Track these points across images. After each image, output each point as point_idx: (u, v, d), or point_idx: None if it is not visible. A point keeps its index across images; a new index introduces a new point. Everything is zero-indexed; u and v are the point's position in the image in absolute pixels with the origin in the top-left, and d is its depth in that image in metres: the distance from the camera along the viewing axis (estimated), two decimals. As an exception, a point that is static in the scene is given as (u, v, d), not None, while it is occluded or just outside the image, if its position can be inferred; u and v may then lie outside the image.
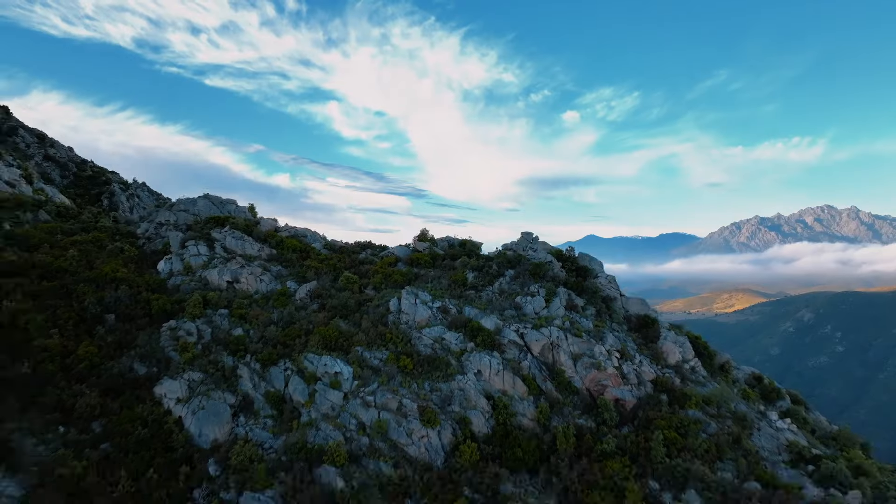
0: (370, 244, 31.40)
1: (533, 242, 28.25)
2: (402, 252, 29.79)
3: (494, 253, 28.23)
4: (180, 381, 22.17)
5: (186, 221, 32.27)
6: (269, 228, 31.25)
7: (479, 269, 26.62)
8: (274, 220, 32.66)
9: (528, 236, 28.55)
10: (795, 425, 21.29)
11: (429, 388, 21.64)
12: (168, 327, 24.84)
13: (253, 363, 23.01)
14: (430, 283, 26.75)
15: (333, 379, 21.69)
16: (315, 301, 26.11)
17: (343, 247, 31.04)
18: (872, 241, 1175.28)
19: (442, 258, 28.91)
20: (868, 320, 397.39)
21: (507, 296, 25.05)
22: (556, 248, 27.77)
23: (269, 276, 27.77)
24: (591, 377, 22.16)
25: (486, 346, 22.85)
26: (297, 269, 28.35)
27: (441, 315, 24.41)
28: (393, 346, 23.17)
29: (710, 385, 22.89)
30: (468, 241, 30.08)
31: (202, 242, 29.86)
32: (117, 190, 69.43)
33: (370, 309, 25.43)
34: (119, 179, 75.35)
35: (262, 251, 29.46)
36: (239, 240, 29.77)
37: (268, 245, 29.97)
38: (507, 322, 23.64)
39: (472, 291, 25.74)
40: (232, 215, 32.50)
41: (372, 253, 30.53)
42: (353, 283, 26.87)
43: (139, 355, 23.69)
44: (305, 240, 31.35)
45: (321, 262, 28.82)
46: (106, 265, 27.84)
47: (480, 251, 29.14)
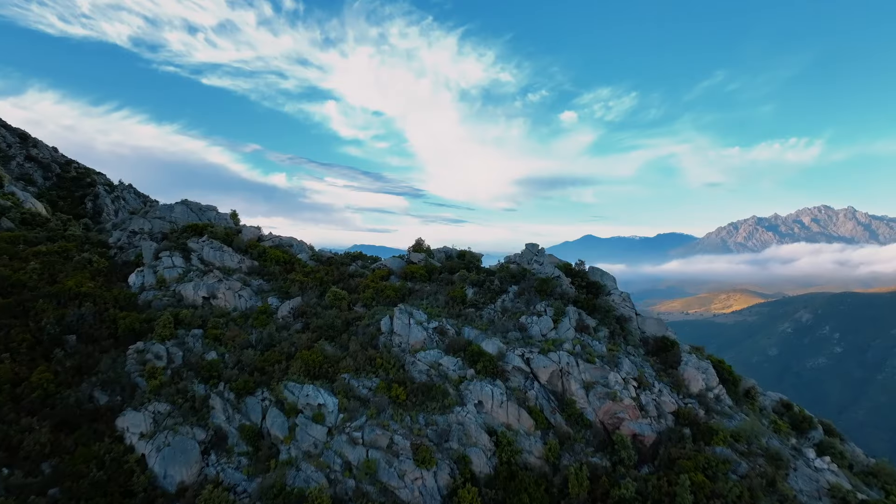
0: (360, 255, 28.97)
1: (538, 255, 25.83)
2: (395, 264, 27.37)
3: (496, 266, 25.80)
4: (144, 414, 19.74)
5: (162, 230, 29.80)
6: (251, 238, 28.79)
7: (480, 284, 24.22)
8: (257, 227, 30.19)
9: (533, 248, 26.13)
10: (836, 464, 18.94)
11: (423, 422, 19.24)
12: (135, 350, 22.38)
13: (227, 392, 20.57)
14: (425, 300, 24.35)
15: (316, 412, 19.26)
16: (299, 320, 23.67)
17: (331, 258, 28.60)
18: (869, 242, 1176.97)
19: (439, 271, 26.50)
20: (866, 321, 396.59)
21: (511, 315, 22.65)
22: (563, 261, 25.38)
23: (249, 291, 25.31)
24: (606, 409, 19.78)
25: (488, 373, 20.46)
26: (281, 283, 25.90)
27: (437, 337, 22.01)
28: (384, 373, 20.76)
29: (738, 417, 20.54)
30: (467, 252, 27.65)
31: (177, 253, 27.40)
32: (102, 192, 66.74)
33: (359, 329, 23.02)
34: (105, 181, 72.69)
35: (243, 263, 27.00)
36: (217, 251, 27.31)
37: (249, 256, 27.52)
38: (510, 345, 21.24)
39: (472, 310, 23.34)
40: (211, 223, 30.03)
41: (363, 265, 28.10)
42: (341, 299, 24.45)
43: (101, 382, 21.23)
44: (291, 250, 28.89)
45: (307, 275, 26.38)
46: (70, 279, 25.36)
47: (481, 263, 26.74)
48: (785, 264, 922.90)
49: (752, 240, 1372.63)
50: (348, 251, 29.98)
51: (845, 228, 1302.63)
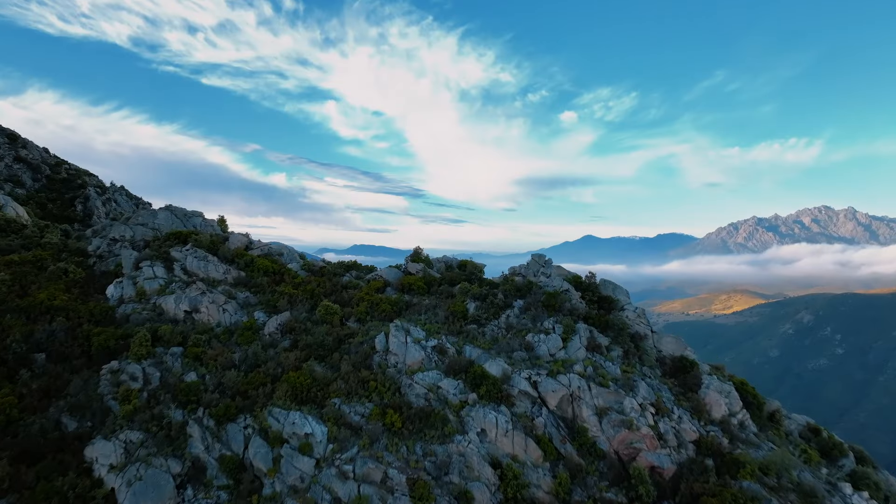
0: (355, 265, 27.21)
1: (545, 266, 24.06)
2: (391, 275, 25.61)
3: (500, 278, 24.02)
4: (115, 443, 17.97)
5: (145, 237, 28.03)
6: (238, 246, 27.02)
7: (482, 298, 22.46)
8: (245, 235, 28.43)
9: (540, 259, 24.36)
10: (874, 500, 17.20)
11: (421, 453, 17.51)
12: (109, 370, 20.63)
13: (206, 419, 18.80)
14: (423, 315, 22.60)
15: (303, 441, 17.51)
16: (287, 337, 21.93)
17: (323, 268, 26.85)
18: (870, 243, 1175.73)
19: (438, 283, 24.74)
20: (868, 322, 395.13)
21: (517, 332, 20.89)
22: (572, 273, 23.60)
23: (234, 304, 23.56)
24: (621, 438, 18.04)
25: (492, 397, 18.72)
26: (268, 296, 24.14)
27: (437, 356, 20.27)
28: (378, 397, 19.02)
29: (765, 445, 18.79)
30: (469, 262, 25.88)
31: (159, 263, 25.65)
32: (92, 194, 64.99)
33: (352, 347, 21.27)
34: (96, 183, 70.88)
35: (228, 274, 25.24)
36: (202, 260, 25.55)
37: (235, 266, 25.76)
38: (516, 366, 19.49)
39: (474, 326, 21.58)
40: (197, 230, 28.27)
41: (357, 275, 26.34)
42: (332, 314, 22.70)
43: (70, 406, 19.48)
44: (280, 259, 27.13)
45: (296, 287, 24.62)
46: (42, 291, 23.60)
47: (483, 274, 24.97)
48: (786, 265, 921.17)
49: (752, 240, 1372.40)
50: (342, 261, 28.20)
51: (846, 229, 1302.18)
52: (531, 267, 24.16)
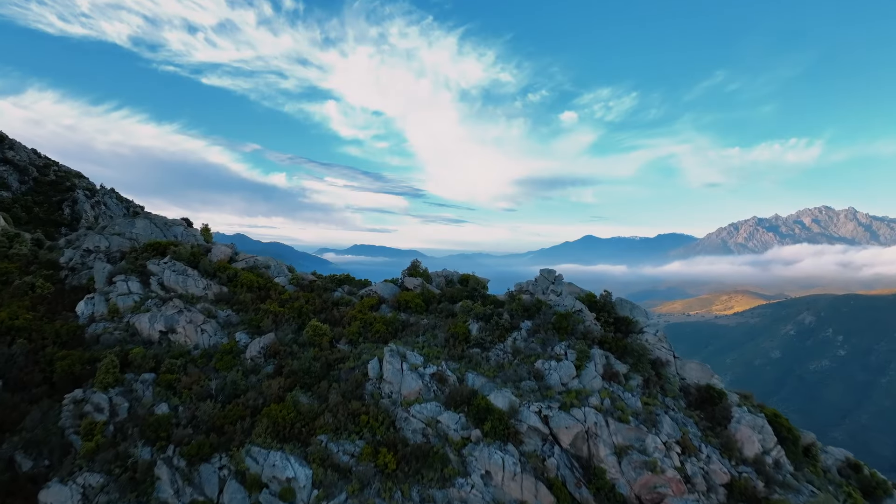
0: (347, 279, 25.13)
1: (556, 283, 21.98)
2: (387, 291, 23.55)
3: (505, 296, 21.93)
4: (72, 488, 15.91)
5: (121, 248, 25.96)
6: (220, 258, 24.94)
7: (486, 318, 20.40)
8: (229, 246, 26.35)
9: (549, 275, 22.27)
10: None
11: (418, 499, 15.47)
12: (72, 399, 18.56)
13: (177, 458, 16.72)
14: (421, 337, 20.53)
15: (285, 486, 15.46)
16: (270, 361, 19.87)
17: (313, 282, 24.76)
18: (870, 243, 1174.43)
19: (437, 300, 22.67)
20: (870, 324, 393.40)
21: (525, 358, 18.82)
22: (585, 291, 21.51)
23: (214, 324, 21.49)
24: (643, 482, 15.99)
25: (498, 434, 16.66)
26: (251, 314, 22.06)
27: (436, 385, 18.20)
28: (370, 433, 16.95)
29: (805, 489, 16.73)
30: (471, 277, 23.78)
31: (134, 277, 23.58)
32: (81, 197, 62.92)
33: (342, 374, 19.21)
34: (86, 185, 68.73)
35: (209, 290, 23.17)
36: (181, 274, 23.48)
37: (217, 281, 23.69)
38: (524, 398, 17.43)
39: (478, 350, 19.51)
40: (177, 241, 26.17)
41: (349, 290, 24.27)
42: (321, 335, 20.64)
43: (26, 442, 17.43)
44: (267, 272, 25.06)
45: (283, 304, 22.55)
46: (3, 309, 21.56)
47: (486, 290, 22.89)
48: (787, 265, 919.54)
49: (752, 240, 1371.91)
50: (334, 274, 26.12)
51: (846, 229, 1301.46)
52: (540, 284, 22.08)
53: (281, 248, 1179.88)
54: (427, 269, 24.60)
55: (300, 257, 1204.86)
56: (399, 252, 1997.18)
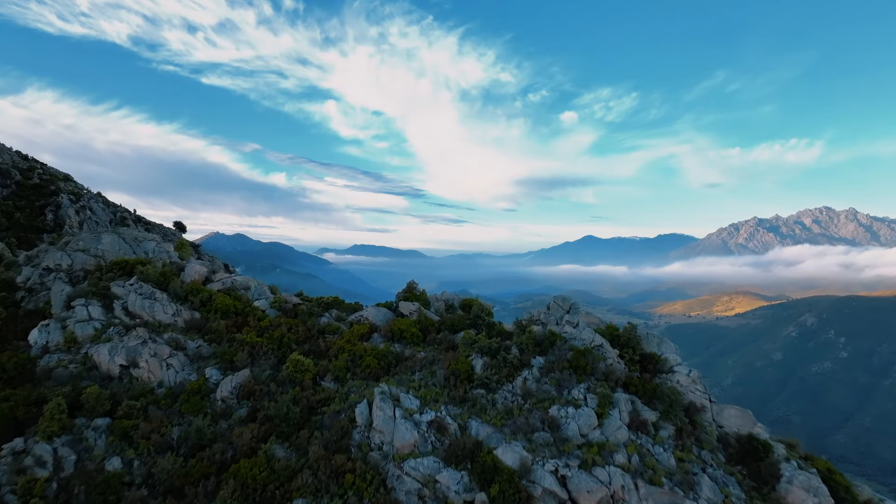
0: (336, 301, 22.52)
1: (571, 312, 19.35)
2: (379, 317, 20.95)
3: (514, 326, 19.29)
4: (1, 565, 13.40)
5: (85, 266, 23.37)
6: (194, 278, 22.33)
7: (492, 352, 17.82)
8: (206, 263, 23.74)
9: (564, 303, 19.63)
10: None
11: (412, 582, 12.90)
12: (11, 450, 15.94)
13: (127, 528, 14.18)
14: (418, 374, 17.94)
15: (253, 568, 12.89)
16: (244, 403, 17.28)
17: (297, 306, 22.14)
18: (871, 243, 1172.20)
19: (437, 328, 20.07)
20: (872, 325, 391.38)
21: (537, 402, 16.23)
22: (606, 322, 18.88)
23: (182, 358, 18.88)
24: (682, 559, 13.41)
25: (508, 499, 14.05)
26: (225, 346, 19.46)
27: (434, 436, 15.61)
28: (355, 496, 14.34)
29: (871, 566, 14.16)
30: (474, 302, 21.13)
31: (96, 301, 20.97)
32: (65, 202, 60.29)
33: (325, 419, 16.61)
34: (71, 189, 65.93)
35: (179, 315, 20.57)
36: (148, 298, 20.88)
37: (188, 306, 21.08)
38: (538, 453, 14.83)
39: (482, 391, 16.93)
40: (147, 259, 23.56)
41: (338, 315, 21.64)
42: (303, 371, 18.05)
43: (-47, 504, 14.92)
44: (246, 295, 22.44)
45: (261, 333, 19.95)
46: (-57, 340, 18.99)
47: (492, 317, 20.29)
48: (789, 267, 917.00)
49: (752, 241, 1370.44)
50: (322, 297, 23.49)
51: (847, 230, 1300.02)
52: (553, 313, 19.43)
53: (281, 248, 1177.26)
54: (425, 291, 22.00)
55: (300, 257, 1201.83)
56: (399, 252, 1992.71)
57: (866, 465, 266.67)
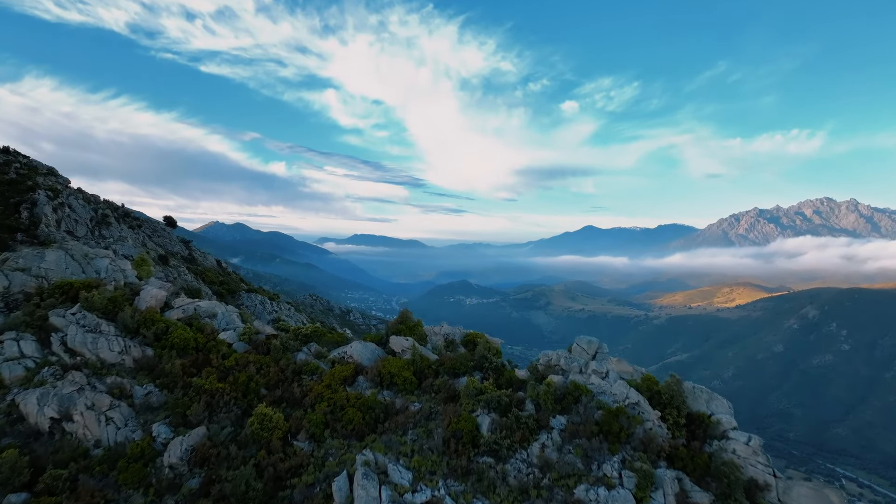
0: (316, 333, 19.13)
1: (598, 358, 15.91)
2: (366, 354, 17.62)
3: (527, 373, 15.86)
4: None
5: (25, 288, 20.04)
6: (151, 305, 18.98)
7: (502, 407, 14.55)
8: (166, 287, 20.35)
9: (590, 346, 16.16)
10: None
11: None
12: None
13: None
14: (410, 434, 14.65)
15: None
16: (196, 473, 14.01)
17: (271, 339, 18.80)
18: (871, 234, 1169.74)
19: (434, 370, 16.77)
20: (874, 318, 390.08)
21: (559, 479, 12.98)
22: (640, 371, 15.41)
23: (126, 410, 15.59)
24: None
25: None
26: (180, 393, 16.16)
27: (430, 523, 12.37)
28: None
29: None
30: (479, 337, 17.68)
31: (29, 335, 17.62)
32: (42, 199, 56.82)
33: (296, 494, 13.36)
34: (49, 185, 62.40)
35: (128, 353, 17.27)
36: (91, 331, 17.55)
37: (139, 340, 17.75)
38: (562, 552, 11.61)
39: (490, 459, 13.67)
40: (97, 281, 20.19)
41: (317, 351, 18.29)
42: (271, 429, 14.77)
43: None
44: (211, 324, 19.09)
45: (224, 375, 16.65)
46: None
47: (500, 358, 16.94)
48: (790, 258, 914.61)
49: (753, 231, 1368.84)
50: (300, 326, 20.12)
51: (847, 221, 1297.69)
52: (576, 357, 15.97)
53: (281, 238, 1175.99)
54: (420, 322, 18.62)
55: (300, 247, 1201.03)
56: (399, 242, 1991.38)
57: (867, 459, 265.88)
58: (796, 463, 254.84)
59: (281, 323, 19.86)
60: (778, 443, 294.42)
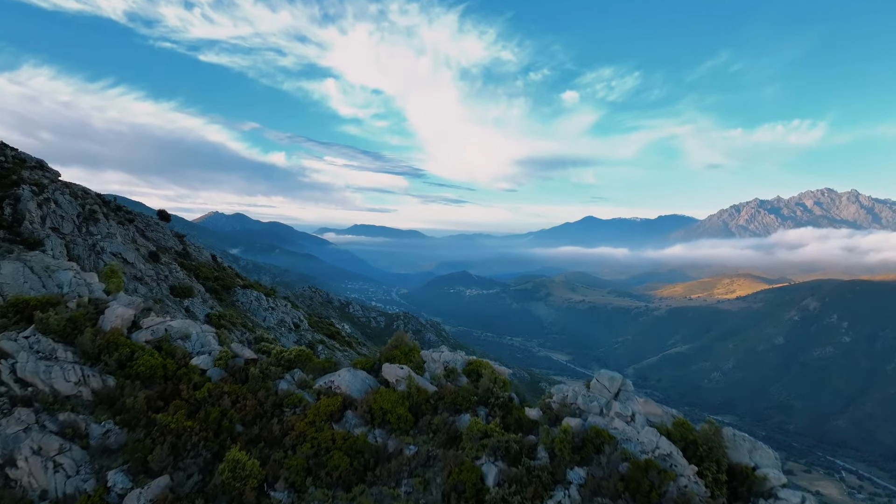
0: (301, 357, 17.09)
1: (621, 398, 13.67)
2: (356, 385, 15.59)
3: (538, 411, 13.72)
4: None
5: (-22, 305, 18.05)
6: (116, 325, 16.93)
7: (511, 456, 12.54)
8: (136, 305, 18.30)
9: (612, 383, 13.94)
10: None
11: None
12: None
13: None
14: (405, 485, 12.66)
15: None
16: (156, 533, 12.06)
17: (250, 364, 16.79)
18: (872, 226, 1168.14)
19: (432, 405, 14.74)
20: (875, 310, 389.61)
21: (579, 548, 11.04)
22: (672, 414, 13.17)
23: (79, 453, 13.60)
24: None
25: None
26: (141, 433, 14.17)
27: None
28: None
29: None
30: (484, 366, 15.57)
31: (-24, 362, 15.63)
32: (26, 194, 54.63)
33: (271, 563, 11.44)
34: (35, 179, 60.05)
35: (86, 383, 15.26)
36: (46, 358, 15.53)
37: (100, 368, 15.72)
38: None
39: (498, 520, 11.72)
40: (57, 297, 18.13)
41: (301, 380, 16.26)
42: (244, 478, 12.79)
43: None
44: (183, 347, 17.04)
45: (194, 411, 14.65)
46: None
47: (507, 392, 14.90)
48: (791, 249, 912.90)
49: (753, 222, 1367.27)
50: (282, 350, 18.10)
51: (848, 212, 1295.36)
52: (595, 395, 13.71)
53: (280, 228, 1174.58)
54: (417, 346, 16.54)
55: (300, 237, 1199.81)
56: (399, 232, 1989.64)
57: (867, 451, 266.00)
58: (796, 455, 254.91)
59: (263, 344, 17.82)
60: (778, 435, 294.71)
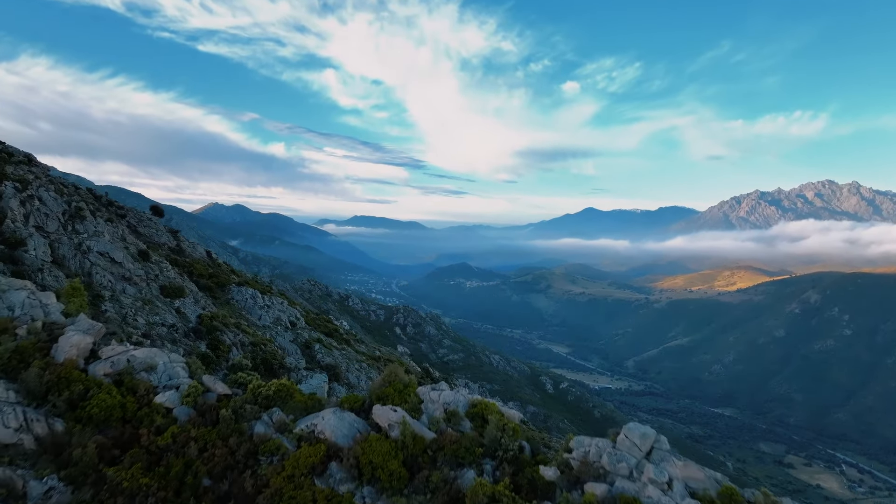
0: (281, 392, 15.01)
1: (654, 458, 11.49)
2: (342, 429, 13.53)
3: (556, 474, 11.64)
4: None
5: (-82, 330, 15.98)
6: (70, 356, 14.83)
7: (524, 528, 10.54)
8: (95, 330, 16.24)
9: (644, 440, 11.65)
10: None
11: None
12: None
13: None
14: (398, 563, 10.66)
15: None
16: None
17: (223, 401, 14.75)
18: (873, 217, 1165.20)
19: (431, 456, 12.70)
20: (877, 303, 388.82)
21: None
22: (714, 481, 11.04)
23: (13, 519, 11.61)
24: None
25: None
26: (88, 493, 12.15)
27: None
28: None
29: None
30: (491, 409, 13.43)
31: None
32: (8, 191, 52.26)
33: None
34: (19, 175, 57.57)
35: (29, 429, 13.21)
36: (-16, 398, 13.50)
37: (47, 410, 13.66)
38: None
39: None
40: (5, 321, 16.05)
41: (280, 421, 14.21)
42: (207, 553, 10.75)
43: None
44: (147, 381, 14.97)
45: (154, 462, 12.63)
46: None
47: (517, 438, 12.85)
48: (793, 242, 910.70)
49: (754, 214, 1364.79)
50: (261, 385, 16.03)
51: (849, 204, 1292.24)
52: (623, 453, 11.49)
53: (280, 219, 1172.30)
54: (413, 381, 14.47)
55: (300, 228, 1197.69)
56: (399, 223, 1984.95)
57: (867, 444, 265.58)
58: (796, 448, 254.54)
59: (239, 375, 15.73)
60: (778, 428, 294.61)
